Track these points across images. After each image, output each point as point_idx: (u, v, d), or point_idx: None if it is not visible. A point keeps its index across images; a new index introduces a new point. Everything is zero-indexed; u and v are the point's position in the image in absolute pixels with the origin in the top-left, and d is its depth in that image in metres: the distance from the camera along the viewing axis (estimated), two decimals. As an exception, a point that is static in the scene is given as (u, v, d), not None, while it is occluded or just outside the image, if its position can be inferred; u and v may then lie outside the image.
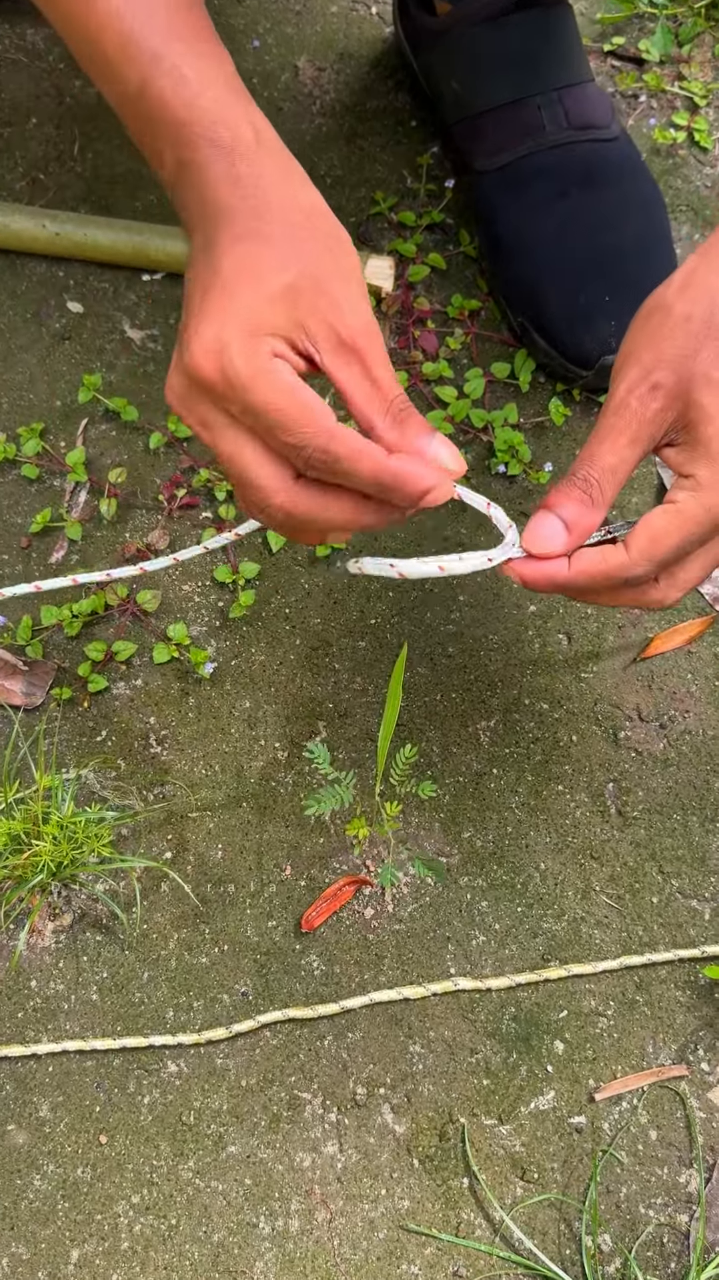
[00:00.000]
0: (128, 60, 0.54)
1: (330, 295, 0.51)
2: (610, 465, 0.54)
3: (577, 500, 0.54)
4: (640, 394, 0.53)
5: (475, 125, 0.86)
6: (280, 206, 0.52)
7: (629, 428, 0.54)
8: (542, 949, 0.68)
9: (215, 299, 0.50)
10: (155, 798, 0.71)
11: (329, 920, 0.69)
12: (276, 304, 0.50)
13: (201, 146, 0.52)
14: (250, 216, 0.52)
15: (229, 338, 0.49)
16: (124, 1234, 0.62)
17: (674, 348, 0.53)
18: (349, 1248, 0.62)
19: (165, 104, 0.53)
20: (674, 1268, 0.62)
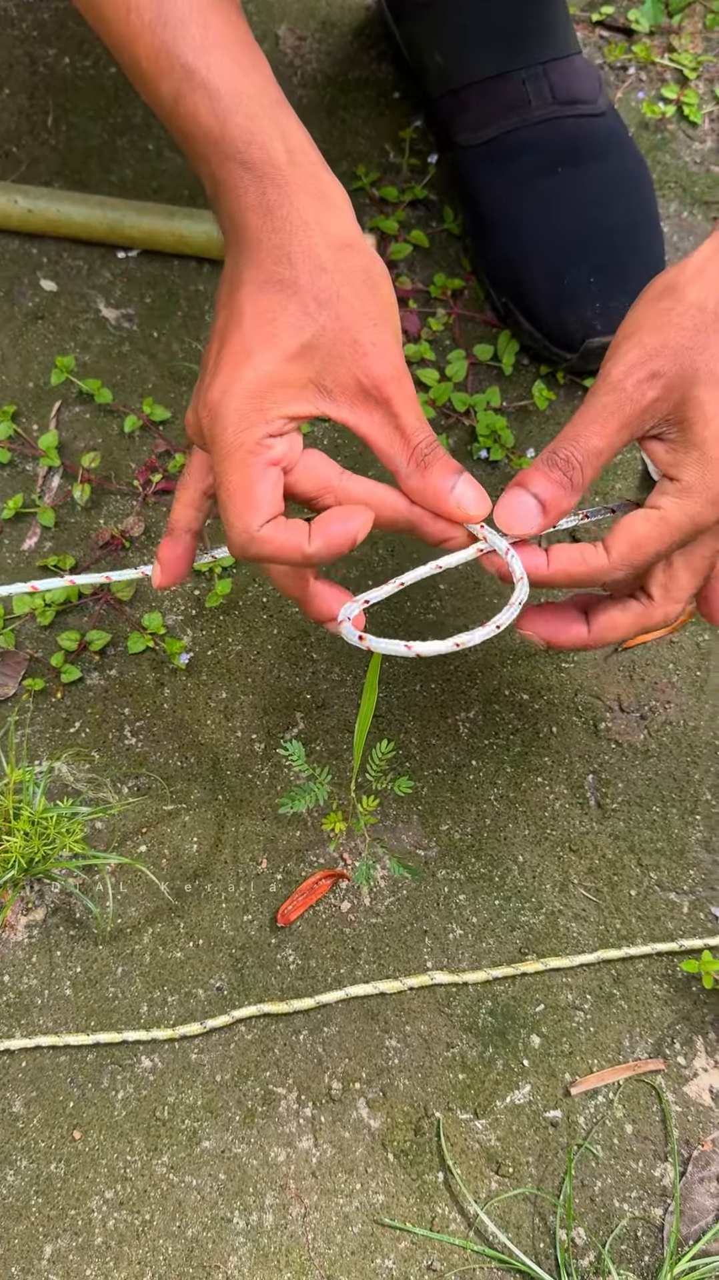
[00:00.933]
0: (160, 74, 0.52)
1: (357, 342, 0.51)
2: (595, 449, 0.52)
3: (556, 482, 0.53)
4: (638, 379, 0.51)
5: (459, 99, 0.84)
6: (308, 247, 0.51)
7: (621, 412, 0.52)
8: (519, 942, 0.68)
9: (232, 355, 0.51)
10: (130, 790, 0.71)
11: (305, 914, 0.68)
12: (294, 364, 0.51)
13: (233, 168, 0.52)
14: (277, 259, 0.51)
15: (231, 404, 0.51)
16: (98, 1229, 0.62)
17: (681, 336, 0.51)
18: (324, 1242, 0.62)
19: (198, 121, 0.52)
20: (648, 1261, 0.62)
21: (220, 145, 0.51)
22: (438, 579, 0.77)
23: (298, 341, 0.51)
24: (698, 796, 0.72)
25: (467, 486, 0.54)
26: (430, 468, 0.53)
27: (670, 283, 0.53)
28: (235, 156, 0.51)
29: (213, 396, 0.51)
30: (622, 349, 0.52)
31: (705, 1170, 0.64)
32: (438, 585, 0.77)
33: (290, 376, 0.51)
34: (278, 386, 0.51)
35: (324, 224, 0.51)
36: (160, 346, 0.82)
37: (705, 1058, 0.66)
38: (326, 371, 0.51)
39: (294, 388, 0.51)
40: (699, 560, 0.55)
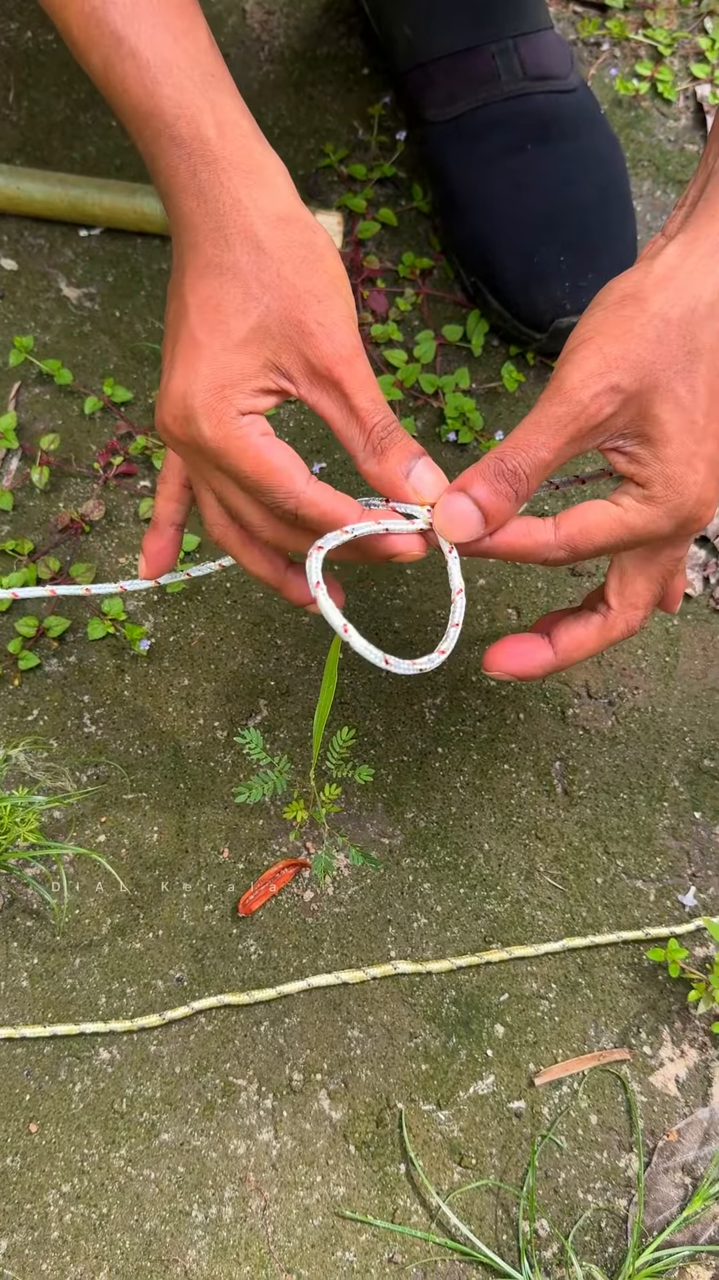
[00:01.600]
0: (90, 42, 0.50)
1: (301, 323, 0.50)
2: (544, 461, 0.50)
3: (502, 495, 0.50)
4: (595, 391, 0.49)
5: (427, 73, 0.82)
6: (243, 227, 0.50)
7: (574, 425, 0.49)
8: (484, 931, 0.67)
9: (184, 351, 0.50)
10: (89, 779, 0.69)
11: (267, 904, 0.67)
12: (246, 349, 0.50)
13: (164, 143, 0.50)
14: (214, 242, 0.50)
15: (195, 403, 0.49)
16: (54, 1223, 0.61)
17: (642, 348, 0.49)
18: (284, 1235, 0.61)
19: (128, 91, 0.50)
20: (612, 1252, 0.61)
21: (150, 119, 0.50)
22: (405, 566, 0.76)
23: (245, 326, 0.49)
24: (665, 784, 0.71)
25: (425, 470, 0.52)
26: (387, 452, 0.51)
27: (634, 288, 0.50)
28: (164, 131, 0.49)
29: (174, 398, 0.50)
30: (579, 354, 0.50)
31: (670, 1160, 0.63)
32: (405, 570, 0.76)
33: (244, 363, 0.50)
34: (235, 375, 0.50)
35: (258, 201, 0.50)
36: (123, 326, 0.81)
37: (671, 1047, 0.65)
38: (281, 352, 0.50)
39: (250, 373, 0.50)
40: (657, 570, 0.54)
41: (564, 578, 0.76)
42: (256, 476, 0.50)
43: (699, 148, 0.90)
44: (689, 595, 0.76)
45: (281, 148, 0.87)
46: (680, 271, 0.50)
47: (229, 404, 0.50)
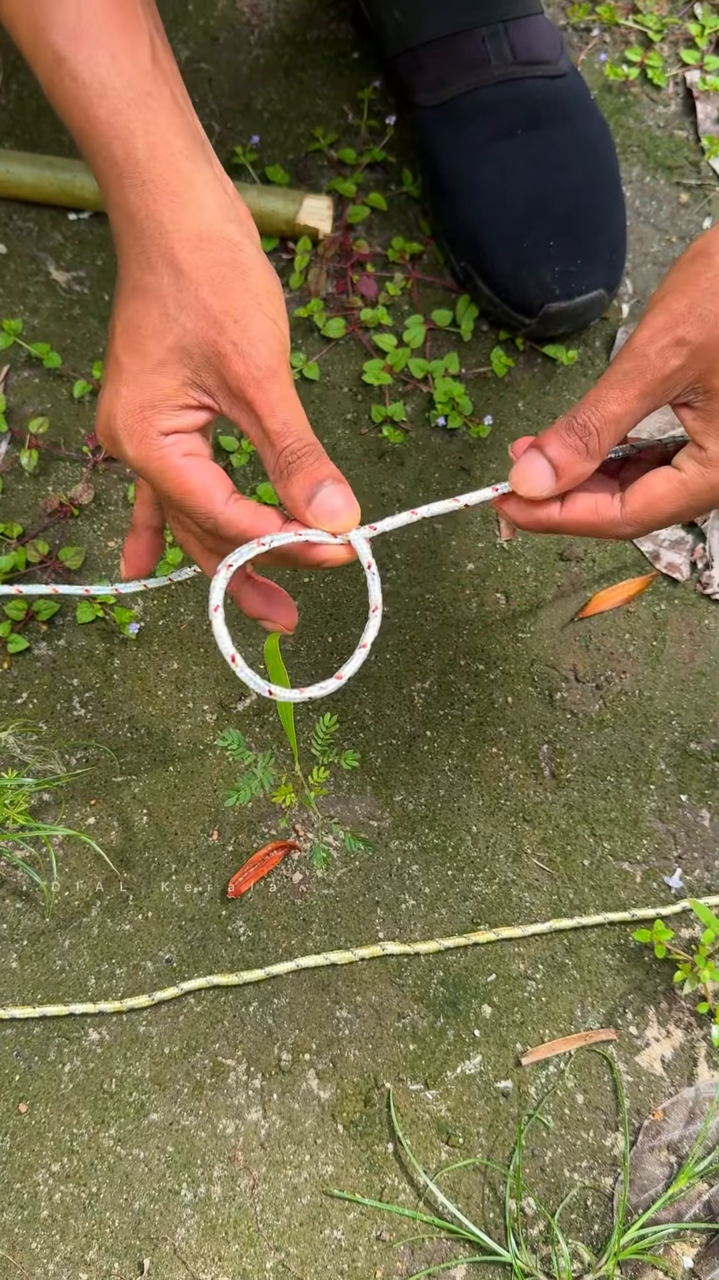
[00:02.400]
0: (36, 58, 0.50)
1: (216, 344, 0.49)
2: (614, 415, 0.50)
3: (572, 448, 0.51)
4: (662, 346, 0.49)
5: (417, 57, 0.82)
6: (165, 249, 0.49)
7: (643, 379, 0.50)
8: (472, 913, 0.68)
9: (109, 373, 0.51)
10: (78, 762, 0.70)
11: (256, 886, 0.68)
12: (164, 369, 0.50)
13: (99, 163, 0.50)
14: (139, 264, 0.50)
15: (117, 424, 0.50)
16: (43, 1202, 0.61)
17: (709, 302, 0.49)
18: (272, 1213, 0.61)
19: (69, 111, 0.50)
20: (598, 1230, 0.62)
21: (88, 139, 0.50)
22: (394, 549, 0.76)
23: (162, 347, 0.49)
24: (652, 767, 0.71)
25: (333, 494, 0.50)
26: (293, 476, 0.50)
27: (703, 246, 0.51)
28: (100, 152, 0.50)
29: (102, 419, 0.51)
30: (649, 313, 0.50)
31: (656, 1139, 0.64)
32: (394, 555, 0.76)
33: (163, 383, 0.50)
34: (155, 395, 0.50)
35: (180, 222, 0.49)
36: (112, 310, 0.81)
37: (657, 1027, 0.66)
38: (200, 371, 0.50)
39: (170, 393, 0.50)
40: None
41: (552, 562, 0.76)
42: (178, 496, 0.50)
43: (688, 134, 0.90)
44: (676, 580, 0.76)
45: (271, 132, 0.87)
46: None
47: (150, 424, 0.50)
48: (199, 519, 0.51)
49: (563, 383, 0.81)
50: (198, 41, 0.90)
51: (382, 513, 0.77)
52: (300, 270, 0.82)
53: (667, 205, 0.87)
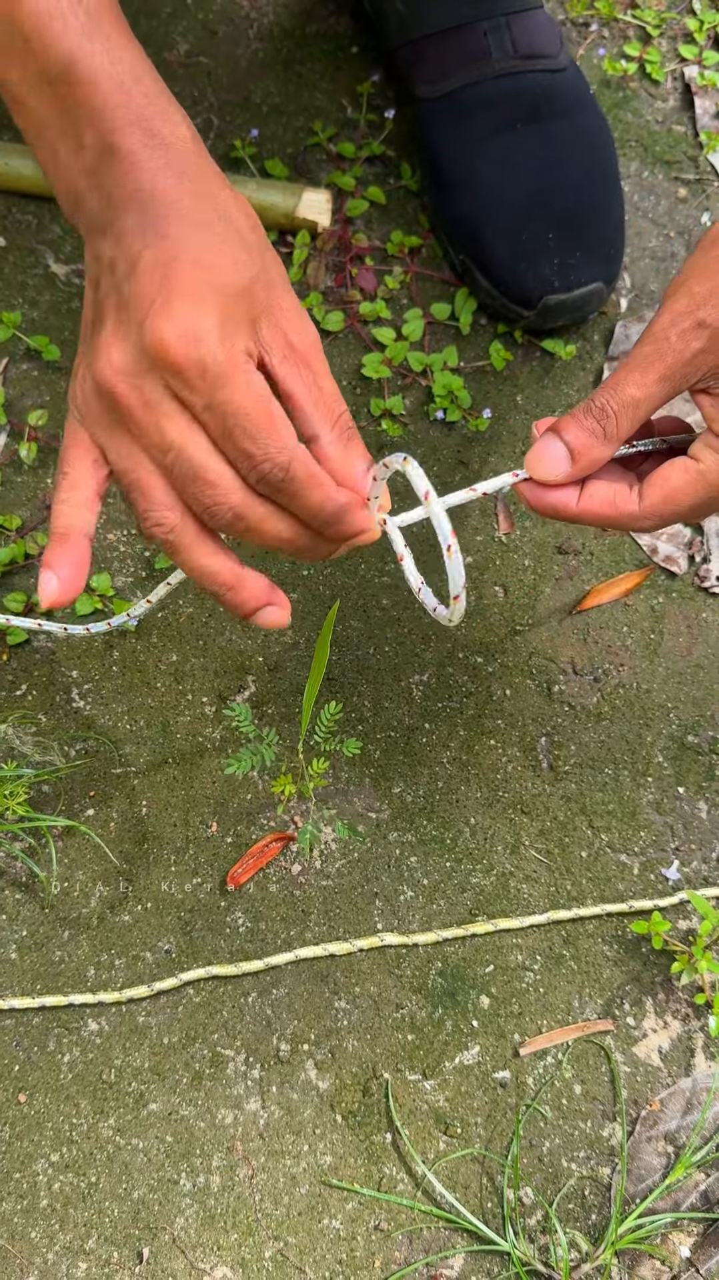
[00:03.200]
0: (51, 37, 0.49)
1: (280, 304, 0.50)
2: (633, 399, 0.50)
3: (588, 431, 0.50)
4: (683, 329, 0.49)
5: (418, 49, 0.82)
6: (226, 211, 0.50)
7: (663, 362, 0.49)
8: (469, 904, 0.68)
9: (186, 280, 0.47)
10: (78, 753, 0.70)
11: (255, 877, 0.68)
12: (240, 301, 0.48)
13: (135, 134, 0.49)
14: (207, 209, 0.49)
15: (208, 325, 0.47)
16: (43, 1192, 0.61)
17: None
18: (271, 1203, 0.61)
19: (96, 84, 0.49)
20: (595, 1220, 0.62)
21: (121, 110, 0.49)
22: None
23: (237, 282, 0.48)
24: (649, 759, 0.72)
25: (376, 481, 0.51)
26: (352, 441, 0.51)
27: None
28: (138, 124, 0.49)
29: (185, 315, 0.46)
30: (670, 298, 0.50)
31: (653, 1129, 0.64)
32: (391, 548, 0.76)
33: (239, 312, 0.49)
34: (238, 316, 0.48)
35: (235, 202, 0.51)
36: (111, 303, 0.81)
37: (654, 1018, 0.66)
38: (261, 319, 0.49)
39: (243, 324, 0.49)
40: None
41: (550, 555, 0.76)
42: (256, 415, 0.47)
43: (687, 129, 0.91)
44: (674, 573, 0.76)
45: (270, 126, 0.87)
46: None
47: (238, 339, 0.48)
48: (272, 450, 0.47)
49: (561, 377, 0.81)
50: (197, 35, 0.90)
51: (380, 506, 0.77)
52: (299, 264, 0.82)
53: (665, 200, 0.88)
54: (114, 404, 0.48)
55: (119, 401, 0.48)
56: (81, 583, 0.51)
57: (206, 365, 0.47)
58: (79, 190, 0.50)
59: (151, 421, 0.48)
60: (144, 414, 0.48)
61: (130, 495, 0.50)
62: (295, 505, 0.49)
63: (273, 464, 0.48)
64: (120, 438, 0.49)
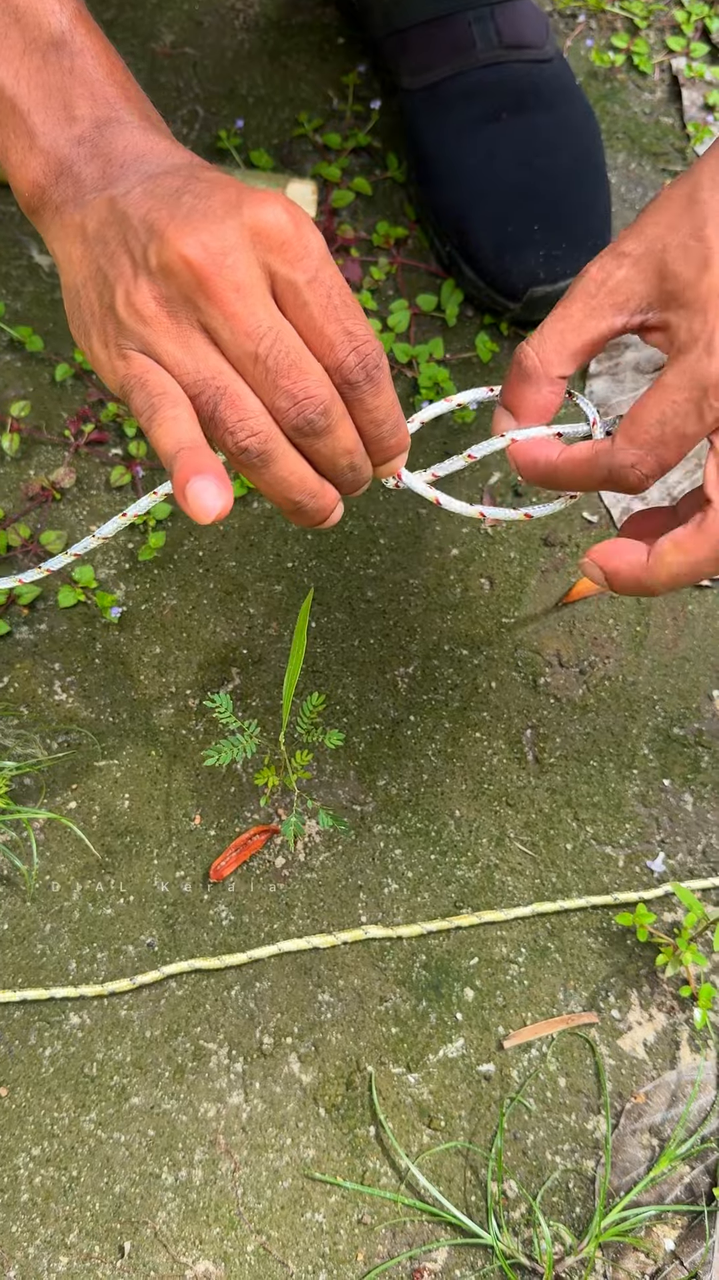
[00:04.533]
0: (46, 12, 0.50)
1: None
2: (553, 330, 0.50)
3: (512, 376, 0.51)
4: (603, 262, 0.50)
5: (403, 40, 0.82)
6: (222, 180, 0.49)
7: (584, 293, 0.50)
8: (454, 896, 0.67)
9: (214, 202, 0.45)
10: (60, 746, 0.69)
11: (239, 870, 0.67)
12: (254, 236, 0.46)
13: (136, 111, 0.50)
14: (208, 169, 0.49)
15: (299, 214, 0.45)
16: (24, 1186, 0.61)
17: (650, 223, 0.49)
18: (253, 1197, 0.61)
19: (97, 56, 0.50)
20: (579, 1212, 0.62)
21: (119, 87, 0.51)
22: (378, 534, 0.76)
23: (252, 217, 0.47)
24: (635, 751, 0.71)
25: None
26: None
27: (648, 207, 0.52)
28: (136, 106, 0.51)
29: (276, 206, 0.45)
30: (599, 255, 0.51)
31: (638, 1122, 0.64)
32: (378, 539, 0.76)
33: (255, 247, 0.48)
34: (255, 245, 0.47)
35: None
36: (95, 294, 0.80)
37: (639, 1011, 0.66)
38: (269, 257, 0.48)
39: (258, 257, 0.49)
40: None
41: (537, 547, 0.76)
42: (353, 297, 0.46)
43: (674, 120, 0.90)
44: (661, 565, 0.76)
45: (256, 116, 0.87)
46: (687, 174, 0.51)
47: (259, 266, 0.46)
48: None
49: (548, 368, 0.81)
50: (182, 26, 0.90)
51: (366, 497, 0.77)
52: (284, 254, 0.81)
53: (652, 192, 0.87)
54: (201, 286, 0.44)
55: (209, 283, 0.44)
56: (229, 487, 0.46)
57: (311, 246, 0.45)
58: (67, 160, 0.49)
59: (244, 305, 0.45)
60: (236, 296, 0.45)
61: (214, 408, 0.46)
62: (375, 401, 0.48)
63: (374, 348, 0.47)
64: (197, 341, 0.46)
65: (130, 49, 0.89)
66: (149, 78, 0.88)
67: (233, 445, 0.47)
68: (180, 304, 0.45)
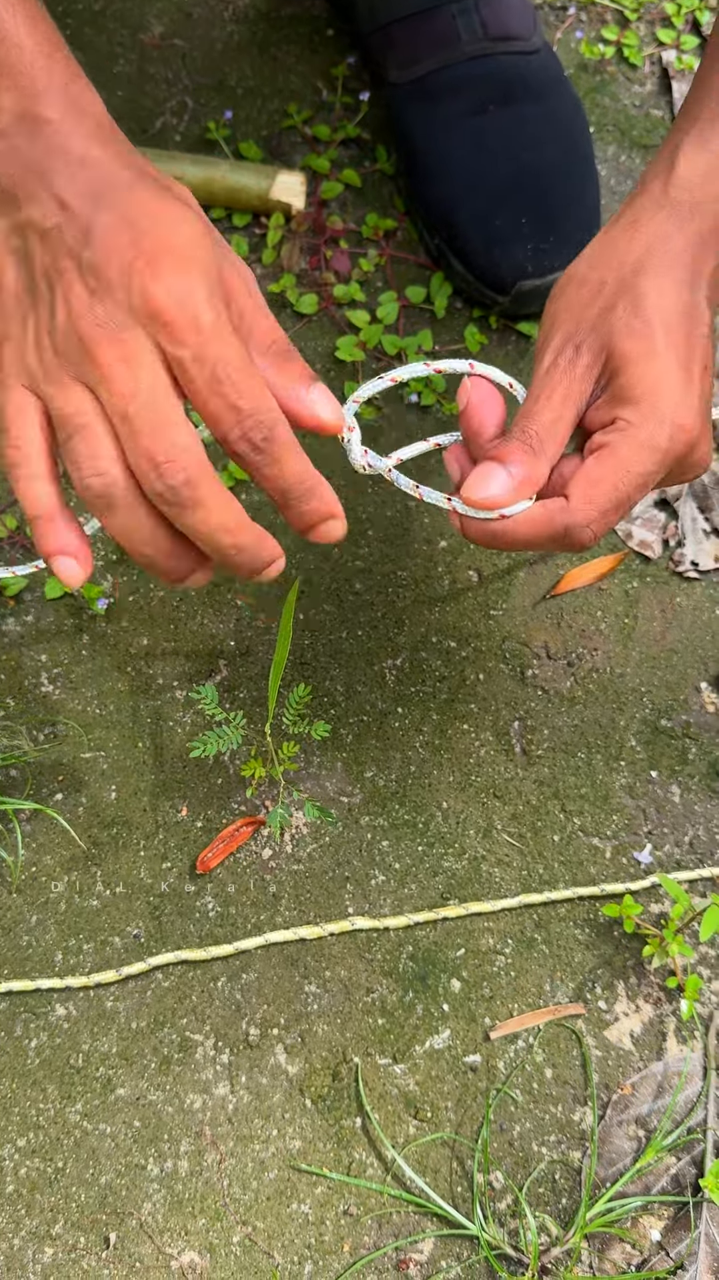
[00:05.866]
0: None
1: (227, 257, 0.49)
2: (549, 421, 0.53)
3: (521, 452, 0.52)
4: (568, 354, 0.54)
5: (389, 34, 0.82)
6: (160, 179, 0.49)
7: (562, 384, 0.53)
8: (441, 888, 0.67)
9: (160, 241, 0.46)
10: (46, 738, 0.69)
11: (225, 861, 0.67)
12: (210, 263, 0.48)
13: (59, 100, 0.48)
14: (145, 177, 0.49)
15: (197, 283, 0.46)
16: (9, 1177, 0.61)
17: (592, 311, 0.54)
18: (239, 1188, 0.61)
19: (20, 45, 0.48)
20: (565, 1203, 0.62)
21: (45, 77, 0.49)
22: (367, 526, 0.76)
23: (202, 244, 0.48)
24: (623, 743, 0.71)
25: (321, 394, 0.51)
26: (287, 364, 0.50)
27: (572, 274, 0.56)
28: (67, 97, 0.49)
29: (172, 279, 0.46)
30: (548, 339, 0.55)
31: (624, 1113, 0.64)
32: (366, 531, 0.76)
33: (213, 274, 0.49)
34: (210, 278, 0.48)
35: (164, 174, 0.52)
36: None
37: (626, 1002, 0.66)
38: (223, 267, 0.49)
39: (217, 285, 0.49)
40: None
41: (525, 539, 0.76)
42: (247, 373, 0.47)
43: (664, 113, 0.90)
44: (648, 558, 0.76)
45: (244, 108, 0.87)
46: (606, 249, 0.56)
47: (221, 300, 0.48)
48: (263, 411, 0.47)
49: (536, 360, 0.81)
50: (172, 17, 0.89)
51: (354, 490, 0.77)
52: (273, 246, 0.81)
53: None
54: (89, 356, 0.46)
55: (97, 355, 0.46)
56: (89, 549, 0.50)
57: (200, 322, 0.46)
58: None
59: (127, 371, 0.46)
60: (120, 366, 0.46)
61: (71, 442, 0.47)
62: (271, 471, 0.48)
63: (258, 422, 0.47)
64: (74, 390, 0.47)
65: (119, 40, 0.88)
66: (138, 69, 0.87)
67: (78, 481, 0.48)
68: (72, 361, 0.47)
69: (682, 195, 0.54)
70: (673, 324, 0.52)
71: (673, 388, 0.52)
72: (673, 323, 0.52)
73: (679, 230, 0.54)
